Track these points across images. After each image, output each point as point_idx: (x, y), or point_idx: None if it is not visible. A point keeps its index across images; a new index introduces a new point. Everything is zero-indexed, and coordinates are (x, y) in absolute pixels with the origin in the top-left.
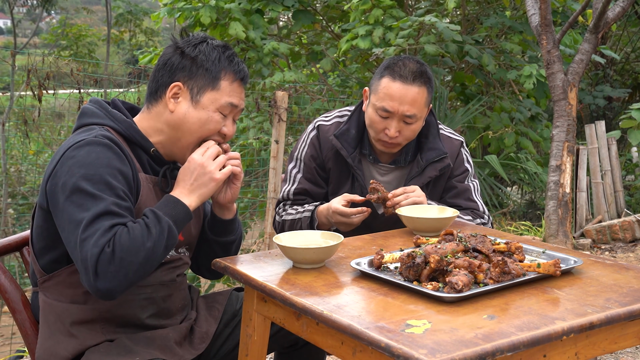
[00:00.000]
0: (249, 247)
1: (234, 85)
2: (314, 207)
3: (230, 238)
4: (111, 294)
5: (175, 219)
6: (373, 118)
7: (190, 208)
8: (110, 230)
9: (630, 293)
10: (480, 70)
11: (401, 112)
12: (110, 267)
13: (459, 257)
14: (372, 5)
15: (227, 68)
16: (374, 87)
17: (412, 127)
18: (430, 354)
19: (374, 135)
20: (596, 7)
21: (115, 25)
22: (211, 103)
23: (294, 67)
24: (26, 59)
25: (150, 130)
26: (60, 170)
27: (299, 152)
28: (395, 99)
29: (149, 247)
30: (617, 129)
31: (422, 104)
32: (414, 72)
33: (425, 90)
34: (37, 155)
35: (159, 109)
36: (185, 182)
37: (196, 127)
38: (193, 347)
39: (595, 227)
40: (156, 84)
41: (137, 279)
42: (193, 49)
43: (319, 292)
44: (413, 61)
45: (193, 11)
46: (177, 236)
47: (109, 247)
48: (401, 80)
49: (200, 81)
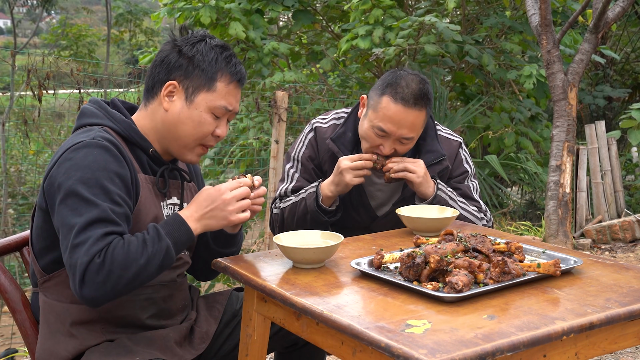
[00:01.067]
0: (249, 247)
1: (230, 87)
2: (317, 183)
3: (233, 250)
4: (95, 302)
5: (177, 241)
6: (369, 134)
7: (194, 233)
8: (103, 239)
9: (630, 293)
10: (480, 70)
11: (399, 135)
12: (97, 277)
13: (459, 257)
14: (372, 5)
15: (224, 69)
16: (373, 102)
17: (407, 146)
18: (430, 354)
19: (366, 148)
20: (596, 7)
21: (115, 25)
22: (205, 104)
23: (294, 67)
24: (26, 59)
25: (148, 128)
26: (57, 171)
27: (296, 153)
28: (395, 122)
29: (141, 264)
30: (617, 129)
31: (420, 126)
32: (416, 95)
33: (425, 112)
34: (37, 155)
35: (155, 106)
36: (200, 208)
37: (189, 128)
38: (193, 347)
39: (595, 227)
40: (152, 80)
41: (125, 292)
42: (191, 48)
43: (319, 292)
44: (415, 80)
45: (193, 11)
46: (174, 258)
47: (99, 258)
48: (402, 104)
49: (195, 81)
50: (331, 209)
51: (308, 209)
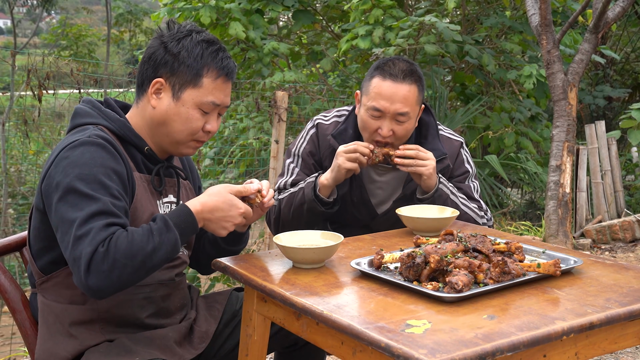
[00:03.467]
0: (249, 247)
1: (217, 82)
2: (317, 174)
3: (240, 247)
4: (101, 292)
5: (183, 233)
6: (365, 119)
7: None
8: (106, 229)
9: (630, 293)
10: (480, 70)
11: (393, 111)
12: (103, 266)
13: (459, 257)
14: (372, 5)
15: (209, 64)
16: (364, 89)
17: (404, 125)
18: (430, 354)
19: (367, 137)
20: (596, 7)
21: (115, 25)
22: (191, 100)
23: (294, 67)
24: (26, 59)
25: (140, 126)
26: (55, 170)
27: (296, 148)
28: (387, 97)
29: (147, 253)
30: (617, 129)
31: (414, 102)
32: (404, 71)
33: (416, 88)
34: (37, 155)
35: (144, 103)
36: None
37: (178, 125)
38: (193, 347)
39: (595, 227)
40: (141, 77)
41: (130, 282)
42: (176, 44)
43: (319, 292)
44: (402, 61)
45: (193, 11)
46: (179, 249)
47: (102, 247)
48: (391, 79)
49: (181, 78)
50: (328, 200)
51: (305, 198)
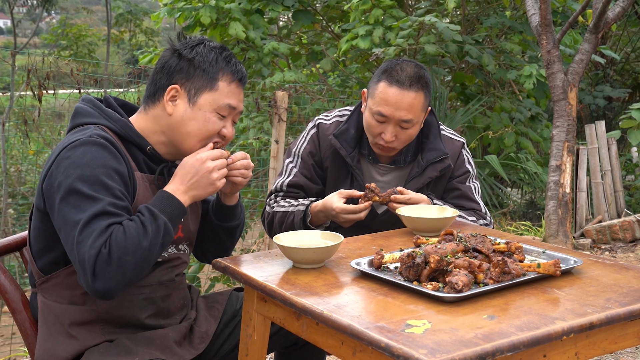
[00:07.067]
0: (249, 247)
1: (231, 86)
2: (309, 202)
3: (235, 223)
4: (109, 294)
5: (171, 216)
6: (370, 122)
7: (185, 205)
8: (106, 230)
9: (630, 293)
10: (480, 70)
11: (397, 118)
12: (108, 268)
13: (459, 257)
14: (372, 5)
15: (224, 69)
16: (371, 91)
17: (408, 131)
18: (430, 354)
19: (371, 139)
20: (596, 7)
21: (115, 25)
22: (208, 104)
23: (294, 67)
24: (26, 59)
25: (148, 131)
26: (56, 171)
27: (297, 148)
28: (392, 104)
29: (145, 246)
30: (617, 129)
31: (419, 109)
32: (411, 77)
33: (422, 95)
34: (37, 155)
35: (157, 112)
36: (184, 180)
37: (195, 129)
38: (193, 347)
39: (595, 227)
40: (154, 87)
41: (135, 277)
42: (190, 51)
43: (319, 292)
44: (411, 65)
45: (193, 11)
46: (172, 233)
47: (105, 248)
48: (398, 86)
49: (197, 82)
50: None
51: (295, 226)
